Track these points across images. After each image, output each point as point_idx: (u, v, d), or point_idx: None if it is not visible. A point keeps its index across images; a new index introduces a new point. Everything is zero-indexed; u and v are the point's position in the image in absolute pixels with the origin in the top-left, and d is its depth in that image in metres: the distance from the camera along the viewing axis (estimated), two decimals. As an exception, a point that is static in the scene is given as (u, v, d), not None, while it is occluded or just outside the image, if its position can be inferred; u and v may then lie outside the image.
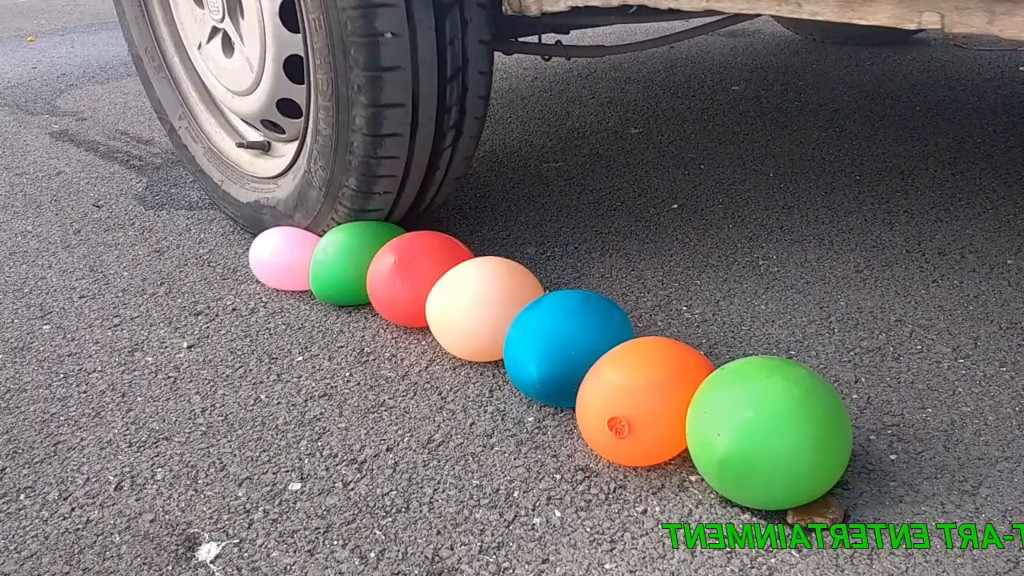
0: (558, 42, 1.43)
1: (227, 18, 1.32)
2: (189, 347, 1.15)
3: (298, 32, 1.20)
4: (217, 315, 1.24)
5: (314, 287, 1.21)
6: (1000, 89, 2.07)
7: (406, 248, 1.12)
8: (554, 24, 1.46)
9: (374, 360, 1.09)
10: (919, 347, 1.04)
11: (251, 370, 1.09)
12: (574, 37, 2.10)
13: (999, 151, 1.66)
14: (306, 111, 1.22)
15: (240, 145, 1.46)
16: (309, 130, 1.23)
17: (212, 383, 1.07)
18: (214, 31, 1.39)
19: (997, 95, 2.02)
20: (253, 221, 1.43)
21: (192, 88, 1.57)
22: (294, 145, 1.39)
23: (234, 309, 1.25)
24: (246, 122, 1.48)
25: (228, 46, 1.38)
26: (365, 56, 1.06)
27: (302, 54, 1.21)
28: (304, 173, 1.27)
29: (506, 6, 1.04)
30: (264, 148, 1.44)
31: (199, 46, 1.46)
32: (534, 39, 1.48)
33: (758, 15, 0.79)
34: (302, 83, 1.25)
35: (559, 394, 0.92)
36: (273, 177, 1.39)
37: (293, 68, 1.26)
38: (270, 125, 1.39)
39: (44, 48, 3.58)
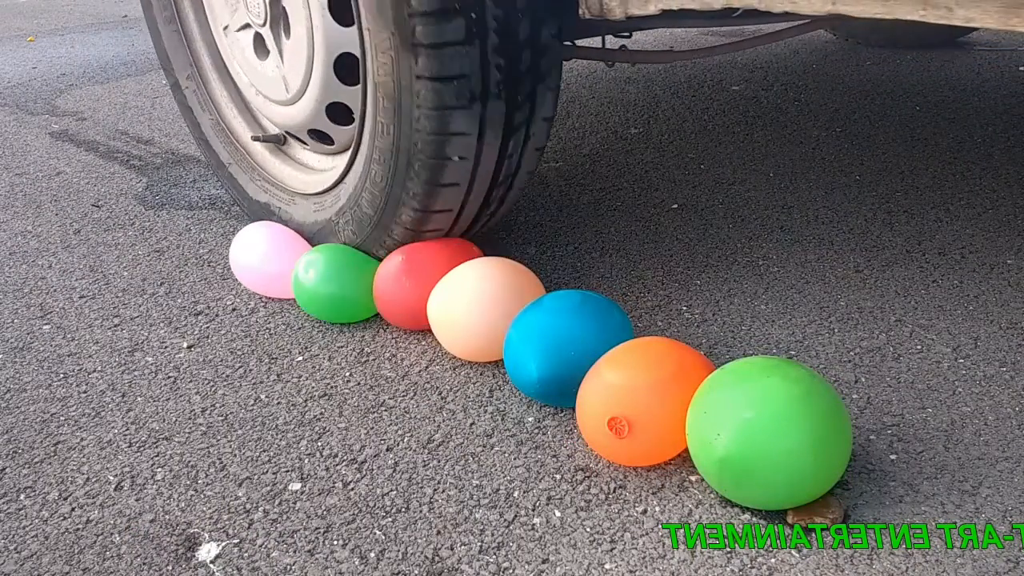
0: (622, 47, 1.33)
1: (268, 27, 1.24)
2: (189, 347, 1.15)
3: (349, 85, 1.16)
4: (217, 315, 1.24)
5: (300, 303, 1.19)
6: (1000, 89, 2.07)
7: (414, 250, 1.12)
8: (626, 27, 1.36)
9: (374, 360, 1.09)
10: (919, 347, 1.04)
11: (251, 370, 1.09)
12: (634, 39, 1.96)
13: (999, 151, 1.66)
14: (348, 167, 1.17)
15: (256, 139, 1.40)
16: (347, 195, 1.18)
17: (212, 383, 1.07)
18: (248, 26, 1.30)
19: (997, 95, 2.02)
20: (259, 220, 1.39)
21: (207, 53, 1.46)
22: (317, 160, 1.33)
23: (234, 309, 1.25)
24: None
25: (262, 48, 1.30)
26: (428, 174, 1.03)
27: (347, 103, 1.18)
28: (330, 221, 1.23)
29: (583, 9, 0.96)
30: (280, 141, 1.38)
31: (225, 28, 1.36)
32: (589, 41, 1.37)
33: (895, 19, 0.73)
34: (343, 124, 1.22)
35: (559, 394, 0.92)
36: (290, 191, 1.33)
37: (335, 108, 1.21)
38: (293, 136, 1.34)
39: (44, 48, 3.58)
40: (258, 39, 1.30)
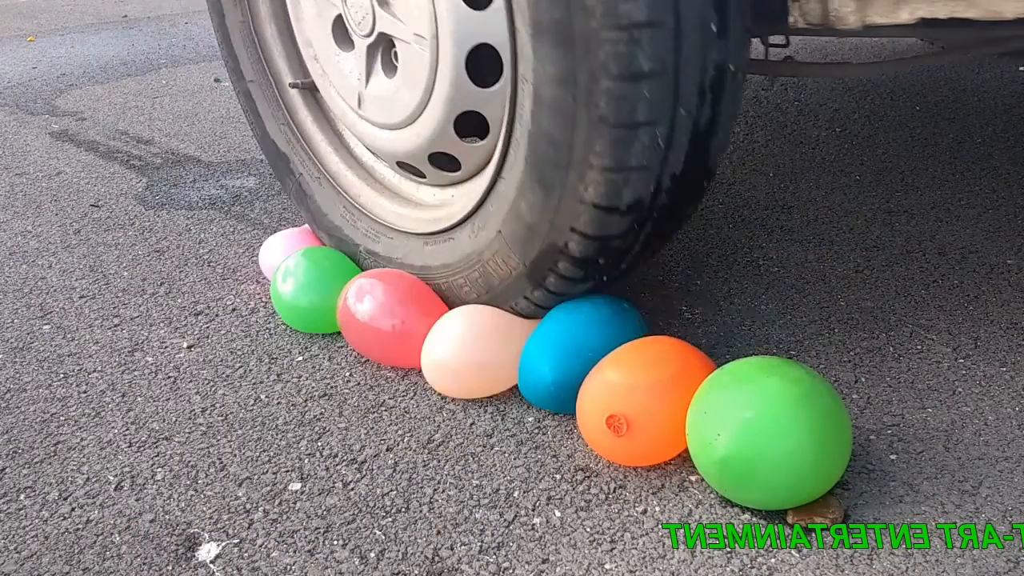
0: (787, 58, 1.12)
1: (372, 43, 1.02)
2: (189, 347, 1.15)
3: (449, 171, 1.06)
4: (217, 315, 1.24)
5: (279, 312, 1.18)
6: (1000, 89, 2.07)
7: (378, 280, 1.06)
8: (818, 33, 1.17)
9: (374, 360, 1.09)
10: (919, 347, 1.04)
11: (251, 370, 1.09)
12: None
13: (999, 151, 1.66)
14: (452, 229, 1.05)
15: (293, 86, 1.23)
16: (390, 258, 1.11)
17: (212, 383, 1.07)
18: (339, 19, 1.07)
19: (997, 95, 2.02)
20: (276, 171, 1.29)
21: None
22: (354, 143, 1.22)
23: (234, 309, 1.25)
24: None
25: (345, 40, 1.08)
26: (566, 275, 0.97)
27: (418, 167, 1.09)
28: (358, 248, 1.15)
29: (795, 17, 0.74)
30: (315, 88, 1.21)
31: None
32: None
33: None
34: (412, 174, 1.13)
35: (572, 400, 0.91)
36: (320, 166, 1.21)
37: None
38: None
39: (44, 48, 3.58)
40: (342, 34, 1.08)
